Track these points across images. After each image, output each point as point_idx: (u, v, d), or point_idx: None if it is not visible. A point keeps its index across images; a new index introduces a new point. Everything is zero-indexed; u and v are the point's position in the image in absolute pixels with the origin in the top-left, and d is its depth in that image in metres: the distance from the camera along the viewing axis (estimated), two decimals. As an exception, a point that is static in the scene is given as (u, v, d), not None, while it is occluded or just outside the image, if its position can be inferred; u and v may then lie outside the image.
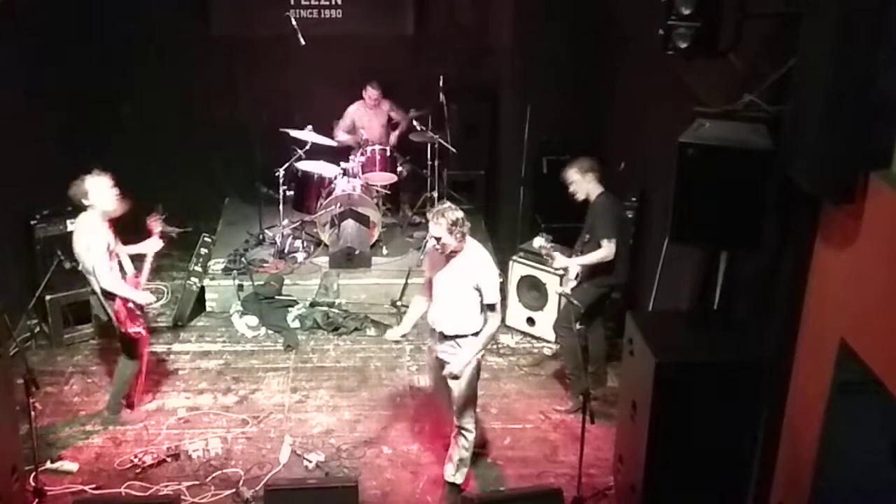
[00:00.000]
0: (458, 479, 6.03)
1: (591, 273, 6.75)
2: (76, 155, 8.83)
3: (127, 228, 6.57)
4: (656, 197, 7.45)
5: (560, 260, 6.78)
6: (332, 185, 8.81)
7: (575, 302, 6.55)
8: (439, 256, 5.71)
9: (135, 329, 6.39)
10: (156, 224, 6.63)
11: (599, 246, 6.58)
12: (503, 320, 7.98)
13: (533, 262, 7.78)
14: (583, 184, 6.70)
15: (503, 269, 8.08)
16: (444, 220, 5.50)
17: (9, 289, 7.38)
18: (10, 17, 7.46)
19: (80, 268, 6.39)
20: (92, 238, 6.20)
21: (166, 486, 6.02)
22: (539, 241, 6.93)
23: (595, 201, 6.72)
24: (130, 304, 6.34)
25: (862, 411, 4.39)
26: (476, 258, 5.72)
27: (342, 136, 9.31)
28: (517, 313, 8.05)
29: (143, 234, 6.62)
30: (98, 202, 6.22)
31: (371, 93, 9.13)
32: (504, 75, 9.56)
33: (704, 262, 5.92)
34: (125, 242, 6.55)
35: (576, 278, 6.81)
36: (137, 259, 6.62)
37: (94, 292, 6.40)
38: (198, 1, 9.61)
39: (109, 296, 6.28)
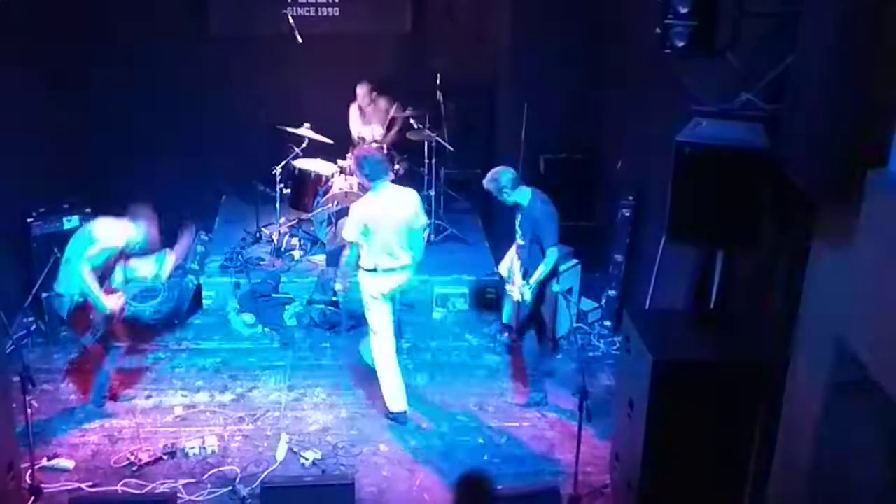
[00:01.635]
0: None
1: (542, 280, 6.71)
2: (73, 153, 8.87)
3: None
4: (653, 196, 7.46)
5: (520, 290, 6.76)
6: (329, 183, 8.81)
7: (570, 300, 6.55)
8: None
9: (86, 339, 6.43)
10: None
11: (543, 253, 6.56)
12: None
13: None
14: (505, 196, 6.63)
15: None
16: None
17: (5, 286, 7.38)
18: (9, 17, 7.46)
19: (63, 258, 6.38)
20: (104, 245, 6.26)
21: (163, 484, 6.01)
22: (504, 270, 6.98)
23: (530, 207, 6.63)
24: (91, 315, 6.34)
25: (858, 410, 4.39)
26: None
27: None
28: (514, 312, 8.04)
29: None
30: (139, 238, 6.34)
31: (360, 91, 9.11)
32: (501, 74, 9.57)
33: (701, 260, 5.93)
34: None
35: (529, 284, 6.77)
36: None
37: (58, 294, 6.39)
38: (196, 0, 9.60)
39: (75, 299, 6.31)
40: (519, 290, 6.75)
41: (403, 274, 6.63)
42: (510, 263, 7.00)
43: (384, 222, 6.40)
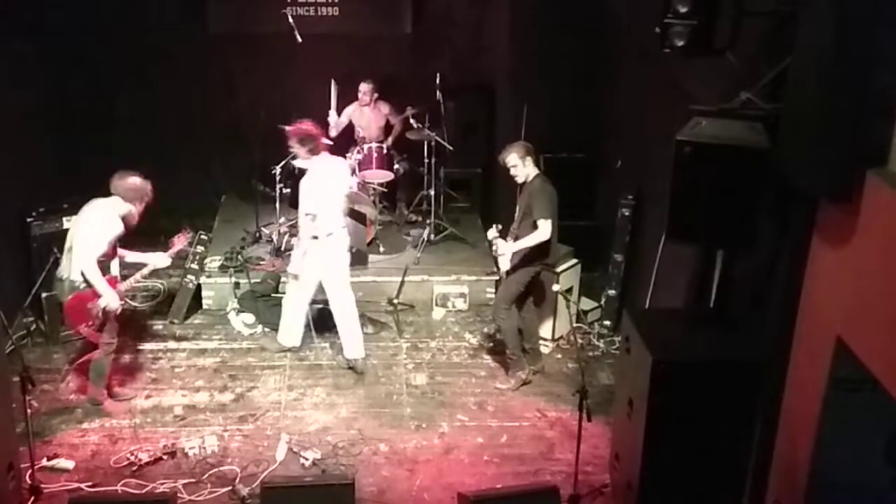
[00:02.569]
0: None
1: (527, 255, 6.87)
2: (73, 153, 8.87)
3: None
4: (653, 195, 7.46)
5: (503, 246, 6.95)
6: (329, 183, 8.79)
7: (570, 299, 6.57)
8: None
9: (82, 328, 6.41)
10: (180, 241, 6.79)
11: (535, 227, 6.72)
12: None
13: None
14: (522, 168, 6.86)
15: (499, 268, 8.09)
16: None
17: (5, 286, 7.37)
18: (7, 17, 7.45)
19: (65, 246, 6.37)
20: (108, 226, 6.27)
21: (162, 484, 6.01)
22: (492, 233, 7.02)
23: (532, 182, 6.87)
24: (89, 305, 6.34)
25: (858, 409, 4.40)
26: None
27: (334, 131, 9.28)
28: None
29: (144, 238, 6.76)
30: (128, 205, 6.33)
31: (363, 87, 9.10)
32: (501, 73, 9.56)
33: (701, 259, 5.93)
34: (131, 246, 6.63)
35: (510, 260, 6.95)
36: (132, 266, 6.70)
37: (61, 279, 6.38)
38: (195, -1, 9.61)
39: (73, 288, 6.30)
40: (503, 244, 6.91)
41: (343, 237, 7.25)
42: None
43: (329, 190, 7.12)
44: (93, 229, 6.27)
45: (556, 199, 6.81)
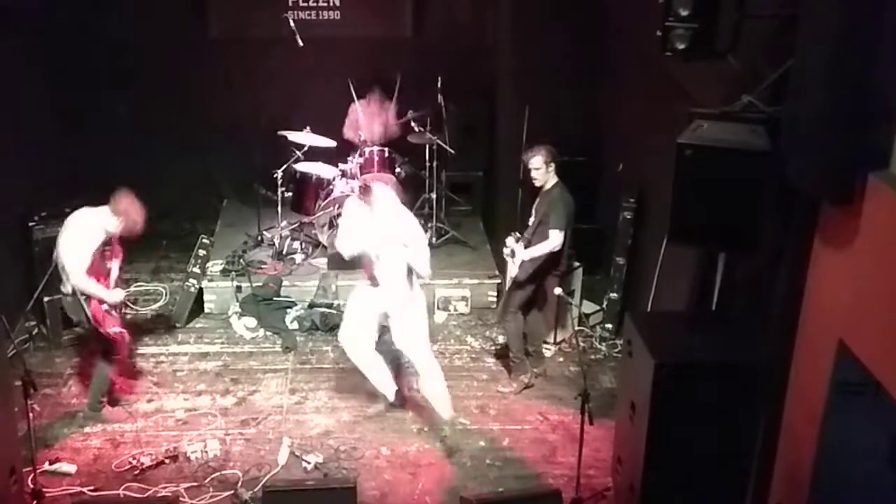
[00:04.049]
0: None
1: (540, 263, 6.87)
2: (74, 157, 8.88)
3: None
4: (654, 198, 7.46)
5: (518, 252, 6.92)
6: (331, 187, 8.81)
7: (572, 302, 6.56)
8: None
9: (114, 329, 6.41)
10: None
11: (548, 235, 6.72)
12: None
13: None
14: (544, 172, 6.85)
15: (501, 271, 8.11)
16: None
17: (7, 290, 7.37)
18: (9, 19, 7.46)
19: (59, 266, 6.37)
20: (88, 236, 6.24)
21: (165, 488, 6.01)
22: (511, 241, 7.02)
23: (550, 191, 6.87)
24: (105, 305, 6.34)
25: (860, 412, 4.39)
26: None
27: (349, 133, 9.31)
28: (515, 314, 8.04)
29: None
30: (115, 221, 6.29)
31: (373, 103, 9.13)
32: (502, 76, 9.56)
33: (703, 262, 5.93)
34: None
35: (519, 266, 6.93)
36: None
37: (66, 294, 6.38)
38: (196, 3, 9.61)
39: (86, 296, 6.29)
40: (513, 249, 6.91)
41: None
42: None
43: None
44: (73, 240, 6.25)
45: (573, 210, 6.83)
